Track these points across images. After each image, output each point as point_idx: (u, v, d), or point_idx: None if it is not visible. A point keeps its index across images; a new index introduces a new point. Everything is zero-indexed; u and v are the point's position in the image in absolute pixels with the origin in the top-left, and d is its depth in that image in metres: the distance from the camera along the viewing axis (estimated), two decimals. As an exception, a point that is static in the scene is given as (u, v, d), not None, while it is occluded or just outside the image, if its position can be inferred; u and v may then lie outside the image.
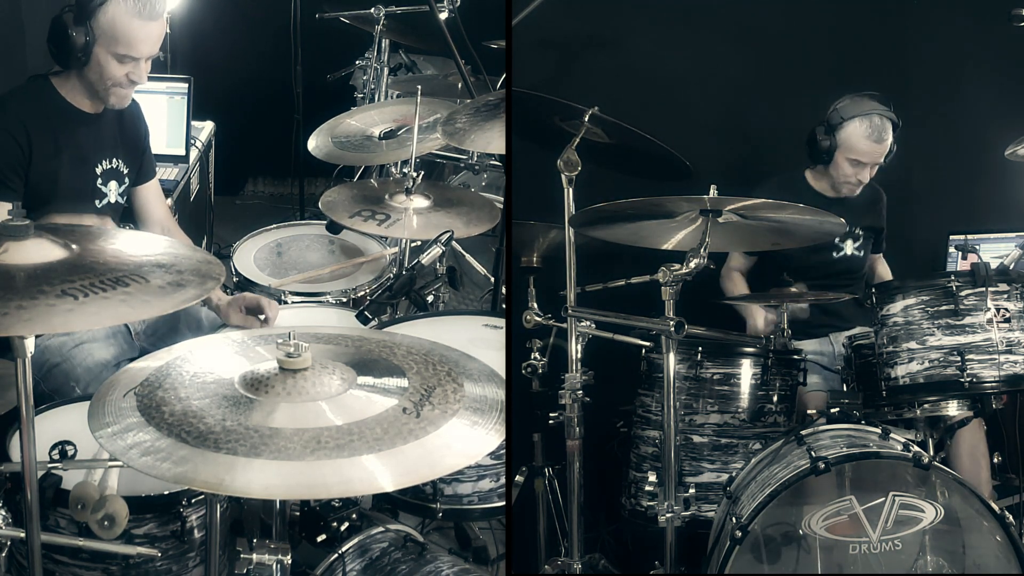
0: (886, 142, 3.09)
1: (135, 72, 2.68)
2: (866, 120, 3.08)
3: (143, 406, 1.69)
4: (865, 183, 3.18)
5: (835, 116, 3.12)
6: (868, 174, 3.15)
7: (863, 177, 3.15)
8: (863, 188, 3.21)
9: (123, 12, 2.61)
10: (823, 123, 3.14)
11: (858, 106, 3.10)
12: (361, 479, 1.56)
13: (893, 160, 3.15)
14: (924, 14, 3.57)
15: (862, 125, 3.08)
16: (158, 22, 2.66)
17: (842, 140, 3.11)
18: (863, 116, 3.08)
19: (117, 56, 2.64)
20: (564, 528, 2.69)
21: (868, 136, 3.07)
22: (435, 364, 1.87)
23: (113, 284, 1.66)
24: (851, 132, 3.09)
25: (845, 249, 3.24)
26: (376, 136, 3.55)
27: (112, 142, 2.87)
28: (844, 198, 3.22)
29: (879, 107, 3.09)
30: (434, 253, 2.62)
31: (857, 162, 3.12)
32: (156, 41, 2.68)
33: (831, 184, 3.23)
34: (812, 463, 2.27)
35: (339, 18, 4.69)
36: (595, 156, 2.62)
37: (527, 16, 2.79)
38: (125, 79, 2.69)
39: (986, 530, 2.24)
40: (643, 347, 2.78)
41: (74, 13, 2.62)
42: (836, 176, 3.19)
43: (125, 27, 2.61)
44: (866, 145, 3.08)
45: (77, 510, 1.92)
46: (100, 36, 2.62)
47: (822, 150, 3.14)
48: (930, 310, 2.54)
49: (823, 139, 3.13)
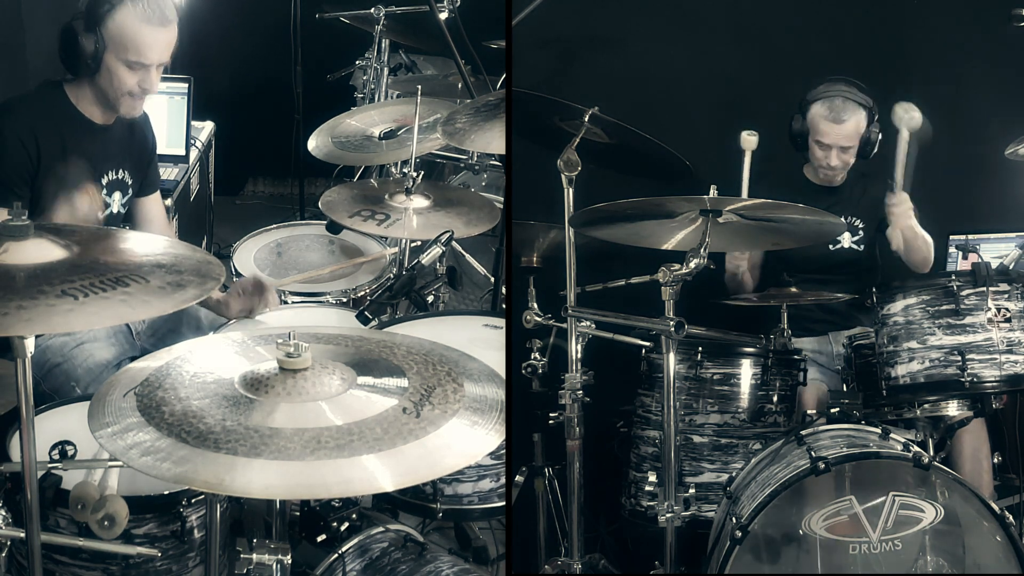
0: (846, 123, 3.05)
1: (146, 80, 2.67)
2: (827, 101, 3.07)
3: (143, 406, 1.69)
4: (839, 169, 3.14)
5: (805, 100, 3.12)
6: (837, 158, 3.11)
7: (832, 161, 3.11)
8: (854, 177, 3.19)
9: (132, 18, 2.60)
10: (799, 109, 3.14)
11: (826, 88, 3.10)
12: (361, 479, 1.56)
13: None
14: (924, 14, 3.56)
15: (823, 106, 3.07)
16: (168, 28, 2.65)
17: (809, 122, 3.11)
18: (825, 98, 3.07)
19: (127, 63, 2.63)
20: (564, 528, 2.69)
21: (826, 116, 3.06)
22: (435, 364, 1.87)
23: (113, 284, 1.66)
24: (814, 113, 3.09)
25: (842, 242, 3.22)
26: (376, 136, 3.55)
27: (119, 153, 2.85)
28: (837, 187, 3.21)
29: (847, 90, 3.07)
30: (434, 253, 2.62)
31: (821, 143, 3.10)
32: (166, 47, 2.67)
33: (814, 172, 3.23)
34: (812, 463, 2.27)
35: (339, 18, 4.69)
36: (595, 156, 2.62)
37: (527, 16, 2.79)
38: (137, 87, 2.67)
39: (986, 530, 2.24)
40: (643, 347, 2.78)
41: (83, 20, 2.60)
42: (813, 163, 3.18)
43: (134, 33, 2.60)
44: (825, 126, 3.07)
45: (77, 510, 1.92)
46: (110, 43, 2.61)
47: (796, 134, 3.15)
48: (931, 310, 2.54)
49: (796, 124, 3.14)
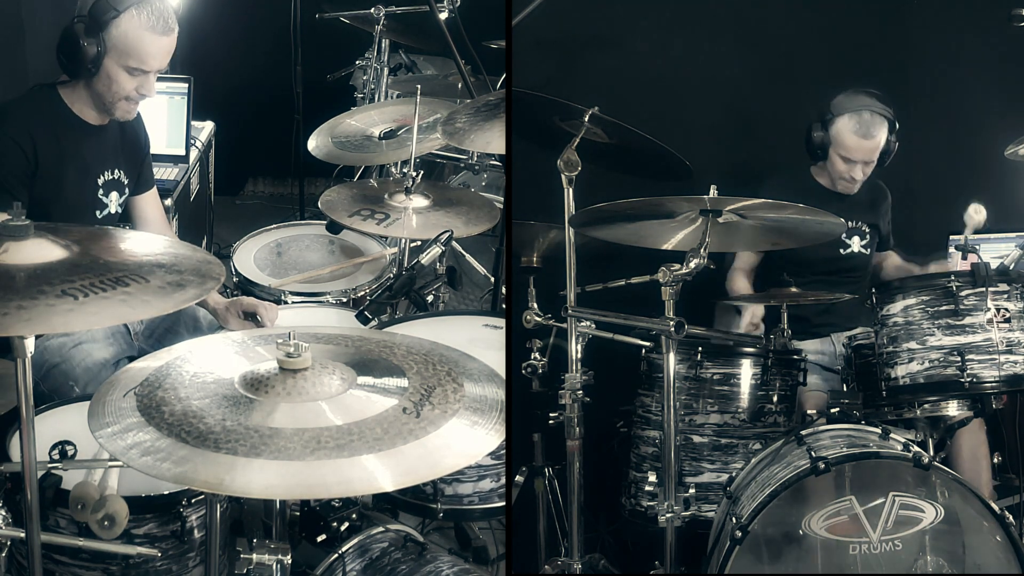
0: (875, 139, 3.05)
1: (144, 86, 2.67)
2: (855, 116, 3.06)
3: (143, 406, 1.69)
4: (860, 181, 3.15)
5: (828, 112, 3.10)
6: (861, 172, 3.12)
7: (856, 175, 3.12)
8: (866, 185, 3.20)
9: (136, 26, 2.59)
10: (819, 119, 3.13)
11: (850, 102, 3.08)
12: (361, 479, 1.56)
13: (894, 159, 3.15)
14: (924, 14, 3.57)
15: (851, 121, 3.06)
16: (170, 36, 2.65)
17: (833, 136, 3.10)
18: (852, 112, 3.06)
19: (128, 69, 2.62)
20: (564, 528, 2.69)
21: (855, 132, 3.05)
22: (435, 364, 1.87)
23: (113, 284, 1.66)
24: (840, 128, 3.08)
25: (852, 246, 3.23)
26: (376, 136, 3.55)
27: (114, 153, 2.85)
28: (847, 194, 3.21)
29: (871, 103, 3.06)
30: (434, 253, 2.62)
31: (847, 159, 3.10)
32: (167, 55, 2.67)
33: (831, 180, 3.22)
34: (812, 463, 2.27)
35: (339, 18, 4.69)
36: (595, 156, 2.62)
37: (527, 16, 2.79)
38: (134, 92, 2.67)
39: (986, 530, 2.24)
40: (643, 347, 2.77)
41: (85, 24, 2.58)
42: (832, 173, 3.18)
43: (137, 40, 2.60)
44: (853, 141, 3.06)
45: (77, 510, 1.92)
46: (112, 48, 2.60)
47: (816, 146, 3.14)
48: (930, 310, 2.54)
49: (817, 135, 3.12)
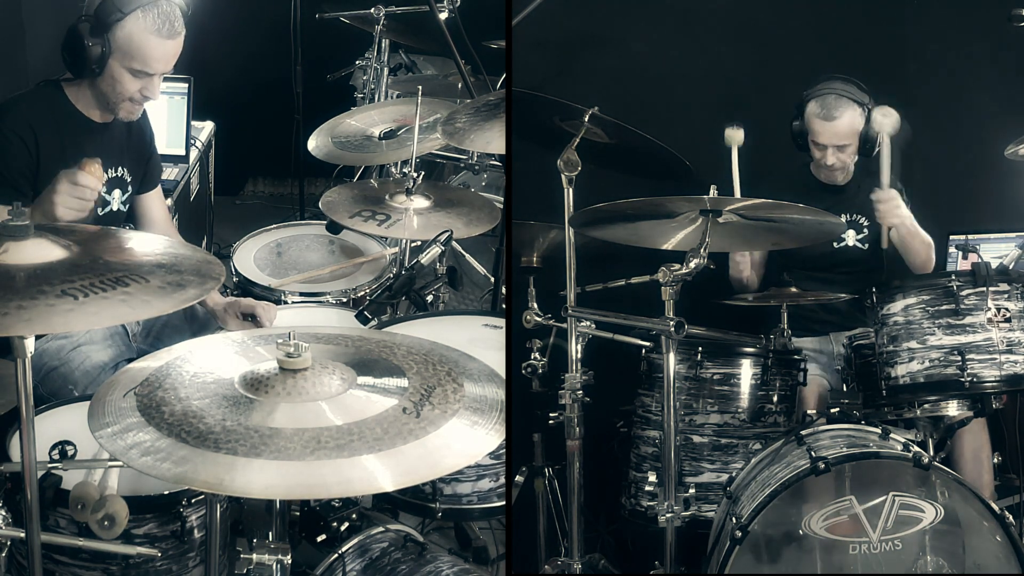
0: (837, 120, 2.99)
1: (148, 88, 2.66)
2: (819, 99, 3.02)
3: (143, 406, 1.69)
4: (839, 168, 3.11)
5: (801, 100, 3.08)
6: (835, 157, 3.06)
7: (830, 160, 3.06)
8: (859, 175, 3.16)
9: (141, 28, 2.58)
10: (796, 107, 3.11)
11: (821, 87, 3.05)
12: (361, 479, 1.56)
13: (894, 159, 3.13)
14: (924, 14, 3.56)
15: (815, 104, 3.03)
16: (176, 40, 2.64)
17: (805, 121, 3.08)
18: (817, 96, 3.03)
19: (132, 71, 2.61)
20: (564, 528, 2.69)
21: (818, 114, 3.01)
22: (435, 364, 1.87)
23: (113, 284, 1.66)
24: (808, 112, 3.05)
25: (847, 239, 3.20)
26: (376, 136, 3.55)
27: (119, 151, 2.84)
28: (843, 186, 3.18)
29: (840, 87, 3.02)
30: (434, 253, 2.62)
31: (816, 143, 3.07)
32: (172, 58, 2.66)
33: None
34: (812, 463, 2.27)
35: (339, 18, 4.69)
36: (595, 156, 2.62)
37: (527, 16, 2.79)
38: (138, 94, 2.66)
39: (986, 530, 2.24)
40: (643, 347, 2.77)
41: (90, 24, 2.57)
42: (815, 161, 3.16)
43: (142, 43, 2.59)
44: (817, 124, 3.02)
45: (77, 510, 1.92)
46: (116, 50, 2.59)
47: (796, 135, 3.12)
48: (930, 309, 2.54)
49: (796, 124, 3.10)
